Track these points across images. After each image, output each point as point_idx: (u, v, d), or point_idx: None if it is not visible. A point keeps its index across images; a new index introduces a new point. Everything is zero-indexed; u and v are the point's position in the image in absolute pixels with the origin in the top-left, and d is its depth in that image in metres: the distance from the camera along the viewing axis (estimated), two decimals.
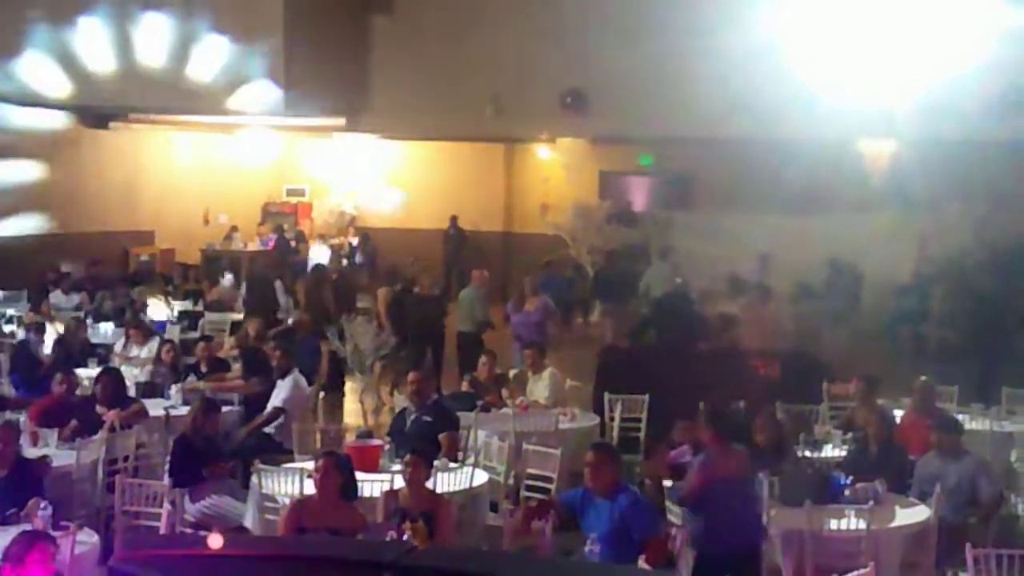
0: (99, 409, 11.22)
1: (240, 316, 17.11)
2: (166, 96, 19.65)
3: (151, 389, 12.56)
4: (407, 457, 8.66)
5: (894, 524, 8.87)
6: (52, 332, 15.53)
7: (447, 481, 9.38)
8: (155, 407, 11.85)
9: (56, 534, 7.54)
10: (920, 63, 17.68)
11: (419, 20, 21.46)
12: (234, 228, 25.86)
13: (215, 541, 7.91)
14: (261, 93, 20.16)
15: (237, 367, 13.36)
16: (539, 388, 12.82)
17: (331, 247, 25.33)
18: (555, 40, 20.28)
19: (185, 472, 9.93)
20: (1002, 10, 17.29)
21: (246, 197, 26.87)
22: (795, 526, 8.57)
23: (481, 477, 9.87)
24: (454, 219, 26.54)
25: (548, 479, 10.16)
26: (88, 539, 8.14)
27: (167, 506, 9.02)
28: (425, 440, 10.08)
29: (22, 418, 10.97)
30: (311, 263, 22.69)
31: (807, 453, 10.55)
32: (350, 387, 16.51)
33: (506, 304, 16.39)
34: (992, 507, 9.37)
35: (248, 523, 9.52)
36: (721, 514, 8.25)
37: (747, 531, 8.40)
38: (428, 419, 10.59)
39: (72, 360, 13.59)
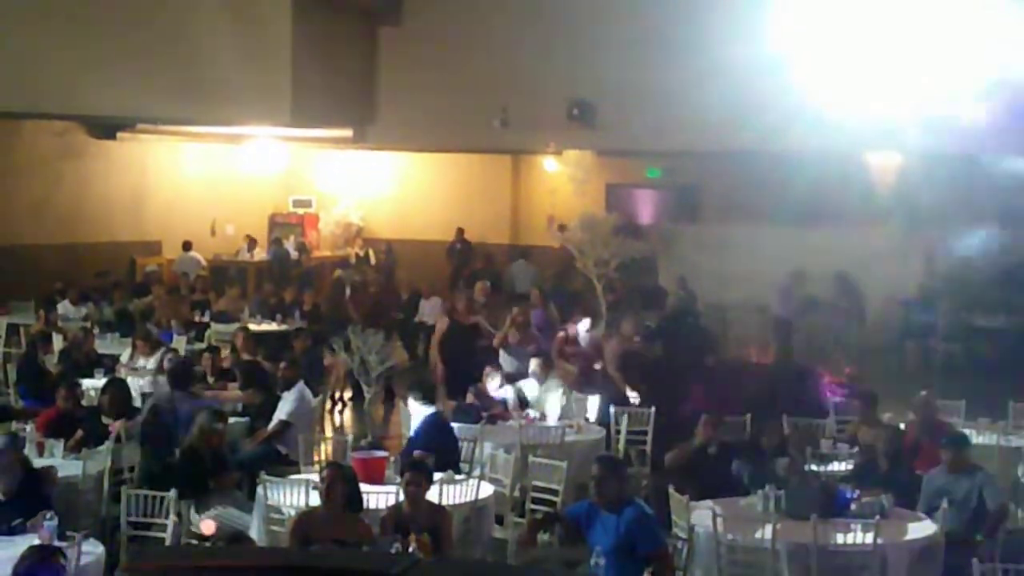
0: (105, 420, 11.23)
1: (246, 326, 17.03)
2: (174, 107, 19.64)
3: None
4: (407, 475, 8.64)
5: (901, 538, 8.84)
6: (59, 342, 15.54)
7: (453, 494, 9.37)
8: None
9: (61, 544, 7.54)
10: (927, 76, 17.65)
11: (427, 32, 21.45)
12: (251, 239, 25.65)
13: (208, 527, 7.90)
14: (268, 104, 20.14)
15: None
16: (546, 400, 12.78)
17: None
18: (562, 52, 20.27)
19: (191, 483, 9.92)
20: (1010, 24, 17.27)
21: (253, 208, 26.86)
22: (801, 539, 8.55)
23: (487, 490, 9.85)
24: (460, 231, 26.53)
25: (554, 492, 10.15)
26: (93, 550, 8.14)
27: (173, 517, 9.02)
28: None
29: (29, 428, 10.98)
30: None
31: (814, 467, 10.52)
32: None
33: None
34: (996, 519, 9.34)
35: (254, 534, 9.50)
36: None
37: None
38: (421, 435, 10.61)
39: (78, 371, 13.58)
